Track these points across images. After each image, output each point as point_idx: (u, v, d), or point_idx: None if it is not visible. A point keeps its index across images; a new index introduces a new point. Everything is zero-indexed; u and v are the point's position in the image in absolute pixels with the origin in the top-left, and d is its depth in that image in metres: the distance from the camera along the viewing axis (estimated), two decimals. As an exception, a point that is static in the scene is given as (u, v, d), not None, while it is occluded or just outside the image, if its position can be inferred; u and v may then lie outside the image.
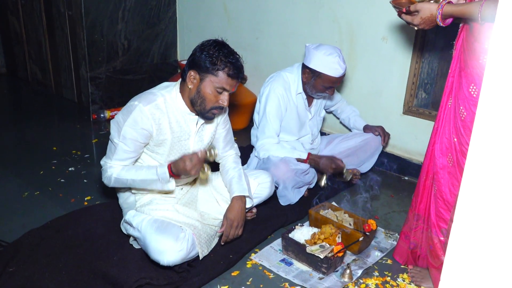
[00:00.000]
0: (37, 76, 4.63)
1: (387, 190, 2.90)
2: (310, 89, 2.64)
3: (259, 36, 3.65)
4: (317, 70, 2.53)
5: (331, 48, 2.55)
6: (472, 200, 0.73)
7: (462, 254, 0.77)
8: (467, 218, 0.73)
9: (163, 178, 1.96)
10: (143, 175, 1.99)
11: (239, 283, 2.00)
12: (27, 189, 2.68)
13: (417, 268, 2.09)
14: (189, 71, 1.96)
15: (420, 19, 1.70)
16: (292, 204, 2.58)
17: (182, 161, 1.90)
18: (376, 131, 2.94)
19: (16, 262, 1.99)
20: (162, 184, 1.98)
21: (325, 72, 2.52)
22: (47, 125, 3.77)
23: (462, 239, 0.75)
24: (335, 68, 2.51)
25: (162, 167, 1.97)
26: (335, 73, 2.52)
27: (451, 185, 1.84)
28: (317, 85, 2.60)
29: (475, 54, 1.63)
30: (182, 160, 1.90)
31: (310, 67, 2.55)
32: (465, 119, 1.71)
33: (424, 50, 2.83)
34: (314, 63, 2.53)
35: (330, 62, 2.50)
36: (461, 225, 0.74)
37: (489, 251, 0.75)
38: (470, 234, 0.75)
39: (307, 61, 2.58)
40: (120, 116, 2.00)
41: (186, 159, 1.88)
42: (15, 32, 4.69)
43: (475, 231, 0.74)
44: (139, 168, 2.02)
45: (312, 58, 2.54)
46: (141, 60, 4.13)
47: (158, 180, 1.97)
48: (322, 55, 2.50)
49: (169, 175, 1.95)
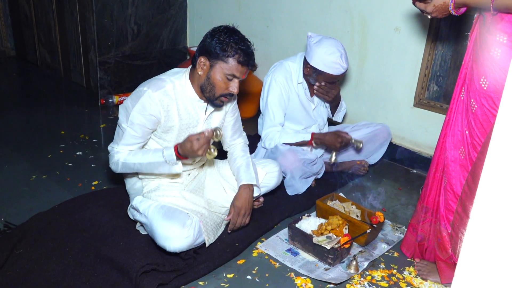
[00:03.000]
0: (46, 60, 4.62)
1: (395, 182, 2.88)
2: (313, 80, 2.62)
3: (269, 24, 3.61)
4: (318, 68, 2.51)
5: (332, 45, 2.49)
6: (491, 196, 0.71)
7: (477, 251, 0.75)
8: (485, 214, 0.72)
9: (169, 160, 1.95)
10: (149, 158, 1.98)
11: (245, 272, 2.00)
12: (35, 173, 2.69)
13: (423, 261, 2.08)
14: (199, 57, 1.95)
15: (433, 7, 1.69)
16: (300, 194, 2.57)
17: (189, 142, 1.88)
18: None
19: (23, 245, 2.00)
20: (169, 166, 1.97)
21: (326, 71, 2.50)
22: (56, 109, 3.77)
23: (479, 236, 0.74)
24: (336, 68, 2.49)
25: (168, 149, 1.96)
26: (336, 72, 2.50)
27: (462, 178, 1.83)
28: (319, 79, 2.58)
29: (487, 46, 1.61)
30: (189, 140, 1.88)
31: (311, 64, 2.53)
32: (475, 111, 1.69)
33: (437, 42, 2.79)
34: (315, 61, 2.50)
35: (332, 62, 2.47)
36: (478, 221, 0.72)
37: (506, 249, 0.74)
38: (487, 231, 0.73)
39: (308, 57, 2.55)
40: (128, 101, 1.99)
41: (193, 139, 1.87)
42: (25, 15, 4.68)
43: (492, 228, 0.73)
44: (146, 151, 2.02)
45: (313, 56, 2.50)
46: (150, 46, 4.11)
47: (165, 162, 1.96)
48: (323, 54, 2.47)
49: (176, 156, 1.94)
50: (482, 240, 0.75)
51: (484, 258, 0.76)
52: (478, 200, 0.73)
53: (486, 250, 0.76)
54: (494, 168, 0.71)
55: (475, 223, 0.74)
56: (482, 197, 0.74)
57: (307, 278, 1.98)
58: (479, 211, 0.74)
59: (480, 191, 0.72)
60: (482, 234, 0.75)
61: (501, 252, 0.74)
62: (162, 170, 2.01)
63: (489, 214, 0.73)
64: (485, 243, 0.75)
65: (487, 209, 0.73)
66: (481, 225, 0.74)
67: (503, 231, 0.73)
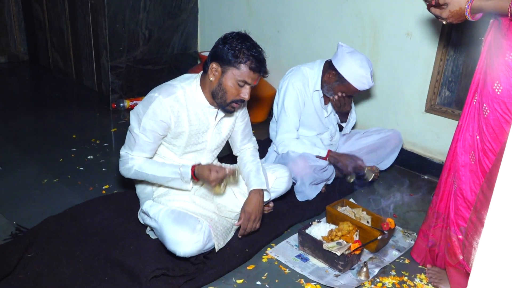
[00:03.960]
0: (59, 64, 4.67)
1: (406, 188, 2.85)
2: (328, 89, 2.60)
3: (280, 29, 3.62)
4: (345, 77, 2.49)
5: (365, 60, 2.49)
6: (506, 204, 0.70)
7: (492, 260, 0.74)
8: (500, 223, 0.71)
9: (184, 177, 2.00)
10: (165, 172, 2.02)
11: (255, 277, 1.99)
12: (46, 176, 2.71)
13: (435, 268, 2.06)
14: (211, 63, 1.95)
15: (448, 13, 1.66)
16: (310, 200, 2.56)
17: (208, 170, 1.95)
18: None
19: (34, 248, 2.01)
20: (181, 183, 2.02)
21: (352, 83, 2.48)
22: (67, 113, 3.80)
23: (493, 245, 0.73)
24: (363, 83, 2.48)
25: (186, 167, 2.00)
26: (361, 87, 2.49)
27: (472, 183, 1.81)
28: (336, 89, 2.56)
29: (502, 51, 1.60)
30: (209, 168, 1.95)
31: (339, 71, 2.51)
32: (487, 116, 1.68)
33: (449, 47, 2.77)
34: (344, 70, 2.47)
35: (361, 76, 2.46)
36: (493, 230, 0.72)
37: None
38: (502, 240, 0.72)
39: (337, 63, 2.51)
40: (140, 107, 2.00)
41: (213, 170, 1.94)
42: (38, 20, 4.73)
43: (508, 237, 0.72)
44: (162, 164, 2.04)
45: (344, 64, 2.48)
46: (161, 51, 4.13)
47: (180, 179, 2.00)
48: (355, 65, 2.45)
49: (191, 176, 1.98)
50: (497, 249, 0.74)
51: (498, 267, 0.75)
52: (493, 208, 0.73)
53: (500, 260, 0.74)
54: (510, 176, 0.70)
55: (490, 232, 0.73)
56: (497, 205, 0.73)
57: (317, 284, 1.97)
58: (494, 219, 0.73)
59: (495, 199, 0.71)
60: (496, 243, 0.74)
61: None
62: (173, 185, 2.05)
63: (504, 222, 0.72)
64: (499, 252, 0.74)
65: (503, 217, 0.72)
66: (496, 234, 0.73)
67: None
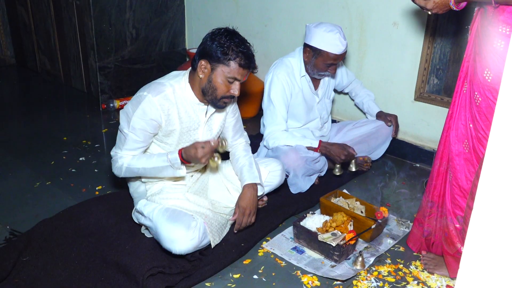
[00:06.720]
0: (46, 67, 4.63)
1: (399, 177, 2.87)
2: (311, 68, 2.61)
3: (268, 23, 3.61)
4: (317, 47, 2.51)
5: (331, 25, 2.52)
6: (492, 189, 0.71)
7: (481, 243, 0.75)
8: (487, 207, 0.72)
9: (174, 164, 1.96)
10: (154, 163, 1.99)
11: (251, 271, 2.00)
12: (38, 180, 2.70)
13: (430, 254, 2.07)
14: (200, 60, 1.95)
15: (433, 3, 1.67)
16: (303, 192, 2.57)
17: (193, 148, 1.90)
18: (389, 121, 2.90)
19: (29, 252, 2.01)
20: (173, 170, 1.98)
21: (325, 49, 2.50)
22: (57, 115, 3.78)
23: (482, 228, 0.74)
24: (336, 45, 2.48)
25: (173, 153, 1.97)
26: (336, 50, 2.50)
27: (467, 172, 1.82)
28: (318, 63, 2.57)
29: (489, 38, 1.60)
30: (194, 147, 1.90)
31: (310, 45, 2.53)
32: (480, 104, 1.68)
33: (436, 35, 2.78)
34: (315, 41, 2.51)
35: (331, 39, 2.48)
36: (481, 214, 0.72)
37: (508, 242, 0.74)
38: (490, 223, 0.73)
39: (307, 39, 2.56)
40: (129, 107, 1.99)
41: (198, 147, 1.88)
42: (23, 23, 4.69)
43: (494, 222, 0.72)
44: (150, 156, 2.02)
45: (313, 36, 2.52)
46: (149, 49, 4.11)
47: (170, 166, 1.97)
48: (322, 32, 2.48)
49: (180, 161, 1.95)
50: (486, 233, 0.75)
51: (488, 250, 0.76)
52: (480, 193, 0.73)
53: (490, 242, 0.76)
54: (495, 162, 0.71)
55: (478, 216, 0.74)
56: (484, 190, 0.74)
57: (313, 275, 1.98)
58: (482, 204, 0.74)
59: (482, 184, 0.72)
60: (485, 226, 0.75)
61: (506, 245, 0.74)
62: (166, 174, 2.02)
63: (492, 207, 0.73)
64: (489, 235, 0.75)
65: (490, 202, 0.73)
66: (484, 217, 0.74)
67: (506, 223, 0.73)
